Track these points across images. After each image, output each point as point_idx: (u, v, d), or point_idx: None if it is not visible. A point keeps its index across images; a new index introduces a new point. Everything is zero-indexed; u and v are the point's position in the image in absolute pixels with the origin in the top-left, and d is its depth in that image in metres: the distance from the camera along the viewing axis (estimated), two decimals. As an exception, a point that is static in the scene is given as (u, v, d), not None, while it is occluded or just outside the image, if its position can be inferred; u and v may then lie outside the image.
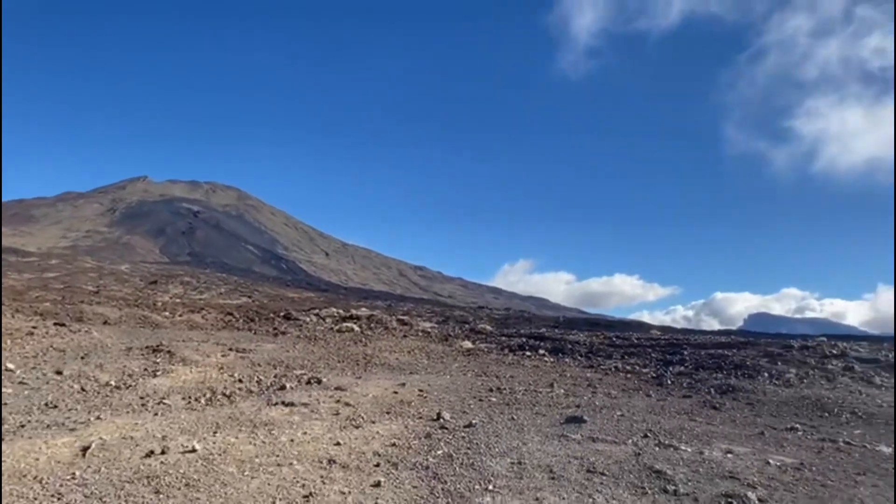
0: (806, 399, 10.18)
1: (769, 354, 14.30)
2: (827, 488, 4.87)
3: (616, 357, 15.46)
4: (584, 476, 4.91)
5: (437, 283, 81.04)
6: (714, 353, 14.80)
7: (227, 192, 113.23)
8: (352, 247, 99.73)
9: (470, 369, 12.03)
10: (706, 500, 4.39)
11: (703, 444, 6.33)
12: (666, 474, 4.96)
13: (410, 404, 7.72)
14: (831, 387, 11.42)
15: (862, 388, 11.45)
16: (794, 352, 14.40)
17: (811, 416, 9.06)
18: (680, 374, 12.86)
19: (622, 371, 13.32)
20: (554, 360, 14.73)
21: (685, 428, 7.26)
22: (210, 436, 5.65)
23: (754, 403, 9.80)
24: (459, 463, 5.18)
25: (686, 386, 11.59)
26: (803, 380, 12.10)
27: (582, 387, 10.89)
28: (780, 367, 13.22)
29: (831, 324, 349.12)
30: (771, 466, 5.43)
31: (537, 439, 6.13)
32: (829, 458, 6.03)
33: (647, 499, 4.43)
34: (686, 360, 14.33)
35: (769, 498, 4.50)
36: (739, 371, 12.81)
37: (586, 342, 17.50)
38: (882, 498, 4.67)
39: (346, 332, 16.82)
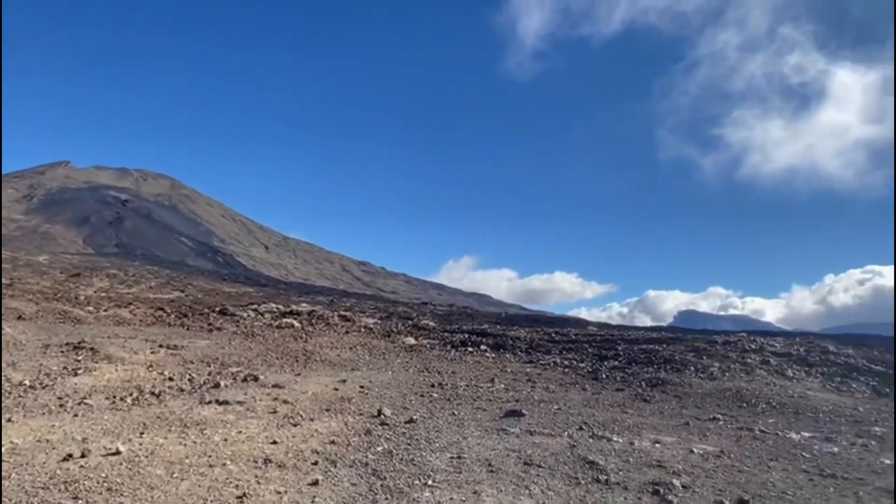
0: (727, 391, 10.86)
1: (695, 349, 15.14)
2: (743, 473, 5.22)
3: (555, 352, 15.90)
4: (521, 468, 5.03)
5: (380, 278, 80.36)
6: (646, 349, 15.51)
7: (158, 181, 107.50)
8: (293, 240, 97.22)
9: (412, 365, 12.03)
10: (635, 488, 4.60)
11: (633, 434, 6.62)
12: (598, 464, 5.16)
13: (351, 401, 7.63)
14: (749, 379, 12.23)
15: (776, 380, 12.34)
16: (717, 347, 15.31)
17: (731, 406, 9.66)
18: (614, 369, 13.39)
19: (560, 366, 13.72)
20: (495, 356, 14.97)
21: (618, 420, 7.57)
22: (136, 437, 5.37)
23: (681, 396, 10.36)
24: (399, 459, 5.18)
25: (619, 380, 12.08)
26: (725, 373, 12.89)
27: (522, 381, 11.13)
28: (705, 362, 14.04)
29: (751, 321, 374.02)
30: (694, 454, 5.76)
31: (477, 434, 6.21)
32: (746, 446, 6.46)
33: (581, 489, 4.59)
34: (620, 356, 14.94)
35: (692, 484, 4.77)
36: (668, 365, 13.49)
37: (527, 338, 17.90)
38: (790, 481, 5.06)
39: (286, 328, 16.41)
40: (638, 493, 4.49)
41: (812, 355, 14.45)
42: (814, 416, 9.10)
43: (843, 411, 9.59)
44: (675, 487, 4.59)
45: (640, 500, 4.37)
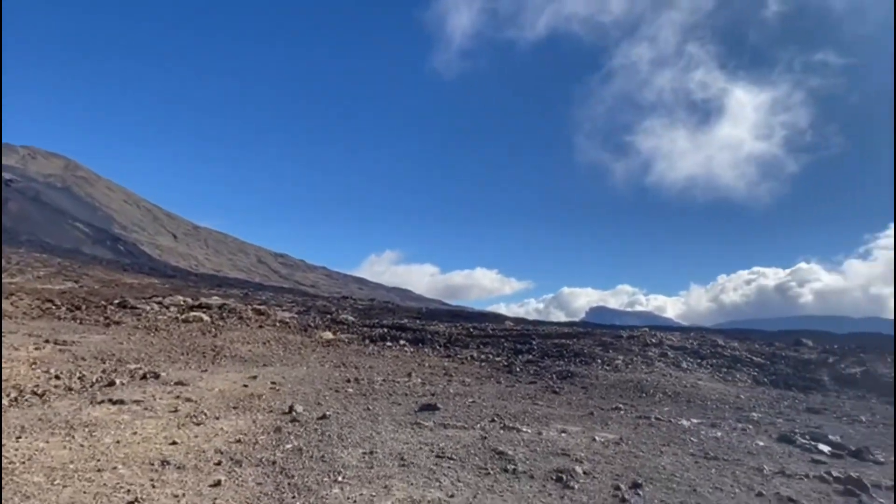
0: (629, 382, 11.59)
1: (603, 344, 16.03)
2: (639, 458, 5.59)
3: (472, 347, 16.21)
4: (433, 461, 5.08)
5: (299, 271, 78.01)
6: (558, 343, 16.20)
7: (50, 161, 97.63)
8: (205, 229, 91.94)
9: (329, 360, 11.80)
10: (540, 476, 4.79)
11: (542, 425, 6.89)
12: (507, 455, 5.33)
13: (261, 398, 7.35)
14: (649, 371, 13.13)
15: (672, 371, 13.33)
16: (622, 341, 16.30)
17: (633, 396, 10.32)
18: (528, 362, 13.88)
19: (477, 360, 14.01)
20: (414, 350, 15.02)
21: (528, 411, 7.85)
22: (11, 442, 4.85)
23: (588, 387, 10.93)
24: (309, 456, 5.06)
25: (532, 373, 12.54)
26: (628, 365, 13.75)
27: (439, 375, 11.25)
28: (611, 355, 14.90)
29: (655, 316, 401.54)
30: (596, 442, 6.10)
31: (391, 428, 6.20)
32: (643, 433, 6.93)
33: (490, 478, 4.71)
34: (534, 350, 15.51)
35: (592, 470, 5.04)
36: (578, 359, 14.19)
37: (446, 332, 18.11)
38: (679, 464, 5.49)
39: (194, 321, 15.52)
40: (543, 481, 4.69)
41: (704, 348, 15.77)
42: (703, 403, 9.93)
43: (728, 399, 10.55)
44: (577, 474, 4.83)
45: (544, 487, 4.56)
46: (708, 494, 4.63)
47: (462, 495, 4.30)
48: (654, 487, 4.70)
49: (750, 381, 13.55)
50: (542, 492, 4.44)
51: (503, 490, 4.45)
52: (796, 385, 13.32)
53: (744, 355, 15.51)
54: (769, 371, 14.52)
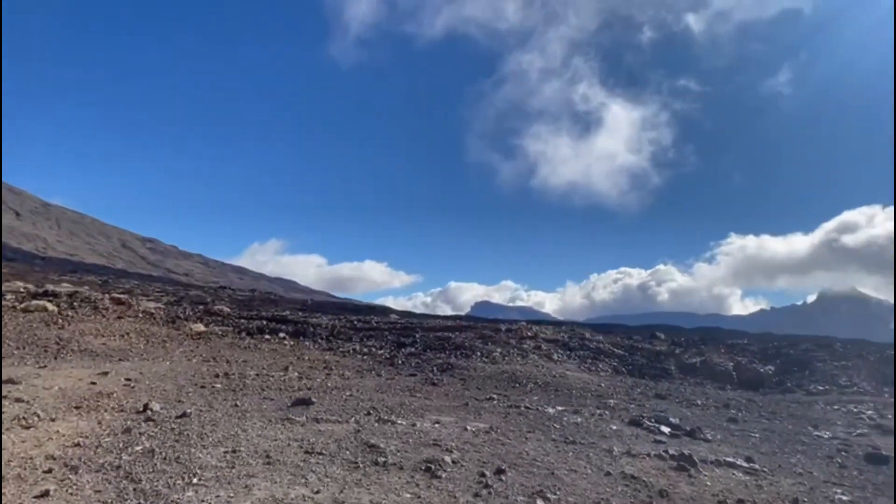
0: (504, 373, 12.14)
1: (483, 336, 16.63)
2: (505, 445, 5.86)
3: (356, 340, 16.01)
4: (301, 457, 4.92)
5: (171, 258, 71.79)
6: (441, 336, 16.54)
7: None
8: (56, 208, 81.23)
9: (197, 354, 10.99)
10: (410, 467, 4.84)
11: (417, 417, 6.98)
12: (379, 447, 5.31)
13: (111, 396, 6.64)
14: (524, 363, 13.86)
15: (544, 362, 14.19)
16: (501, 334, 17.04)
17: (506, 387, 10.83)
18: (410, 355, 14.00)
19: (359, 353, 13.86)
20: (294, 343, 14.49)
21: (405, 404, 7.91)
22: None
23: (466, 379, 11.27)
24: (162, 458, 4.66)
25: (414, 365, 12.67)
26: (505, 357, 14.40)
27: (318, 369, 10.96)
28: (490, 347, 15.51)
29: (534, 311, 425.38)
30: (468, 432, 6.30)
31: (259, 425, 5.92)
32: (512, 421, 7.29)
33: (359, 472, 4.67)
34: (417, 343, 15.68)
35: (461, 459, 5.20)
36: (459, 351, 14.59)
37: (329, 325, 17.70)
38: (542, 449, 5.84)
39: (36, 311, 13.67)
40: (412, 472, 4.74)
41: (573, 341, 16.99)
42: (568, 392, 10.69)
43: (591, 388, 11.45)
44: (446, 463, 4.95)
45: (412, 477, 4.61)
46: (564, 476, 4.97)
47: (328, 491, 4.22)
48: (517, 472, 4.96)
49: (611, 370, 14.84)
50: (409, 483, 4.49)
51: (371, 483, 4.42)
52: (649, 374, 14.83)
53: (607, 347, 16.95)
54: (627, 362, 16.01)
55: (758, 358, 17.35)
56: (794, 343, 20.98)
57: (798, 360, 16.72)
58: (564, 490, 4.59)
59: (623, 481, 4.97)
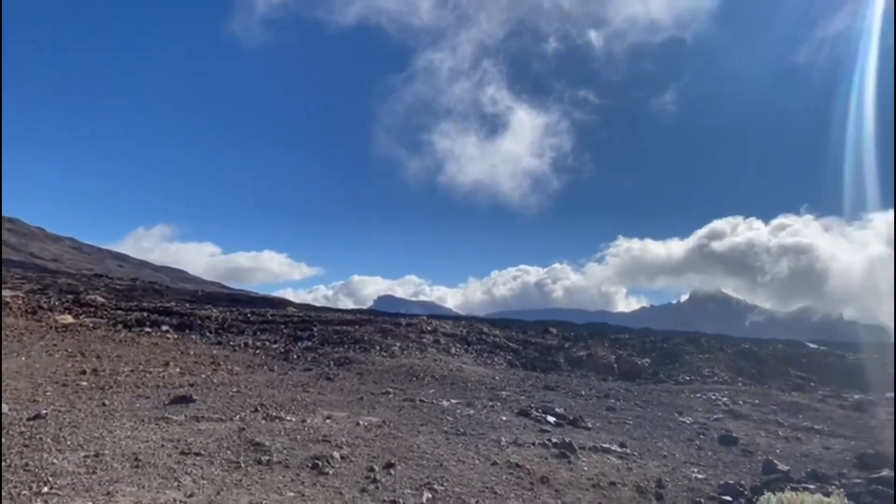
0: (403, 367, 12.16)
1: (383, 330, 16.55)
2: (397, 439, 5.87)
3: (248, 333, 15.24)
4: (175, 459, 4.58)
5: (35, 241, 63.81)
6: (339, 330, 16.22)
7: None
8: None
9: (62, 348, 9.89)
10: (295, 465, 4.68)
11: (308, 412, 6.78)
12: (264, 445, 5.09)
13: (-54, 397, 5.78)
14: (422, 356, 13.98)
15: (442, 356, 14.41)
16: (401, 328, 17.05)
17: (403, 381, 10.85)
18: (306, 349, 13.59)
19: (252, 347, 13.21)
20: (178, 337, 13.51)
21: (297, 399, 7.65)
22: None
23: (363, 373, 11.15)
24: (7, 465, 4.12)
25: (310, 360, 12.31)
26: (404, 351, 14.44)
27: (204, 364, 10.29)
28: (389, 342, 15.46)
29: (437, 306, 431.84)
30: (360, 427, 6.22)
31: (129, 425, 5.43)
32: (406, 415, 7.31)
33: (239, 472, 4.43)
34: (314, 336, 15.25)
35: (351, 454, 5.12)
36: (357, 345, 14.40)
37: (219, 318, 16.70)
38: (433, 442, 5.92)
39: None
40: (298, 470, 4.58)
41: (471, 336, 17.42)
42: (464, 385, 10.93)
43: (485, 381, 11.80)
44: (334, 459, 4.85)
45: (298, 475, 4.46)
46: (452, 467, 5.07)
47: (203, 493, 3.96)
48: (406, 466, 4.97)
49: (505, 364, 15.41)
50: (294, 481, 4.34)
51: (252, 483, 4.22)
52: (540, 367, 15.58)
53: (503, 342, 17.57)
54: (521, 355, 16.71)
55: (636, 351, 18.86)
56: (668, 338, 23.09)
57: (670, 353, 18.41)
58: (452, 481, 4.68)
59: (508, 470, 5.16)
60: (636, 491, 5.00)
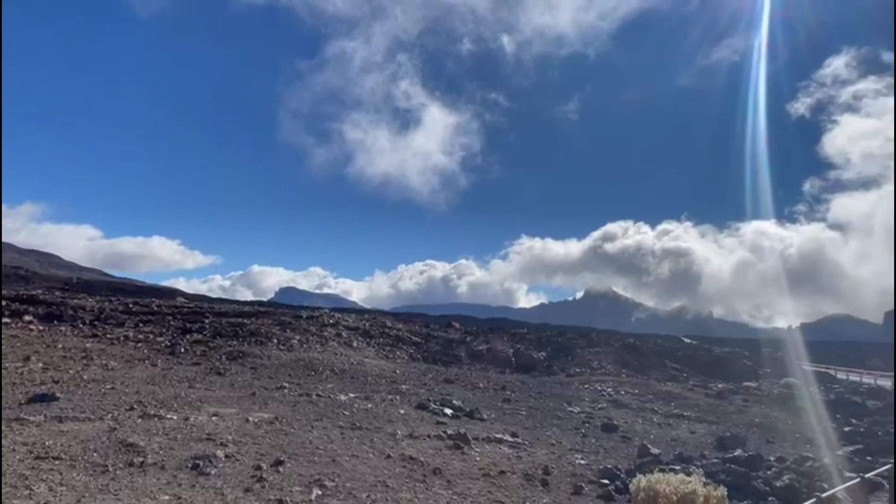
0: (301, 361, 11.79)
1: (282, 323, 15.94)
2: (289, 435, 5.66)
3: (129, 325, 14.02)
4: (28, 465, 4.08)
5: None
6: (234, 322, 15.38)
7: None
8: None
9: None
10: (173, 466, 4.35)
11: (192, 410, 6.34)
12: (138, 446, 4.68)
13: None
14: (323, 350, 13.65)
15: (343, 350, 14.17)
16: (302, 321, 16.52)
17: (302, 375, 10.52)
18: (196, 342, 12.73)
19: (133, 340, 12.16)
20: (45, 329, 12.12)
21: (181, 396, 7.13)
22: None
23: (258, 367, 10.65)
24: None
25: (199, 354, 11.54)
26: (304, 344, 14.00)
27: (74, 359, 9.29)
28: (289, 335, 14.93)
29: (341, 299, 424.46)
30: (249, 423, 5.93)
31: (-27, 428, 4.76)
32: (301, 410, 7.08)
33: (107, 476, 4.04)
34: (206, 329, 14.34)
35: (236, 453, 4.85)
36: (253, 338, 13.73)
37: (96, 308, 15.21)
38: (326, 437, 5.78)
39: None
40: (175, 471, 4.27)
41: (374, 329, 17.28)
42: (364, 379, 10.82)
43: (386, 374, 11.76)
44: (218, 458, 4.57)
45: (175, 477, 4.15)
46: (345, 462, 4.98)
47: (61, 501, 3.56)
48: (297, 462, 4.81)
49: (407, 357, 15.46)
50: (170, 483, 4.03)
51: (121, 487, 3.86)
52: (441, 360, 15.81)
53: (406, 335, 17.62)
54: (423, 349, 16.84)
55: (534, 345, 19.73)
56: (562, 333, 24.42)
57: (564, 347, 19.48)
58: (344, 476, 4.60)
59: (402, 462, 5.17)
60: (524, 478, 5.21)
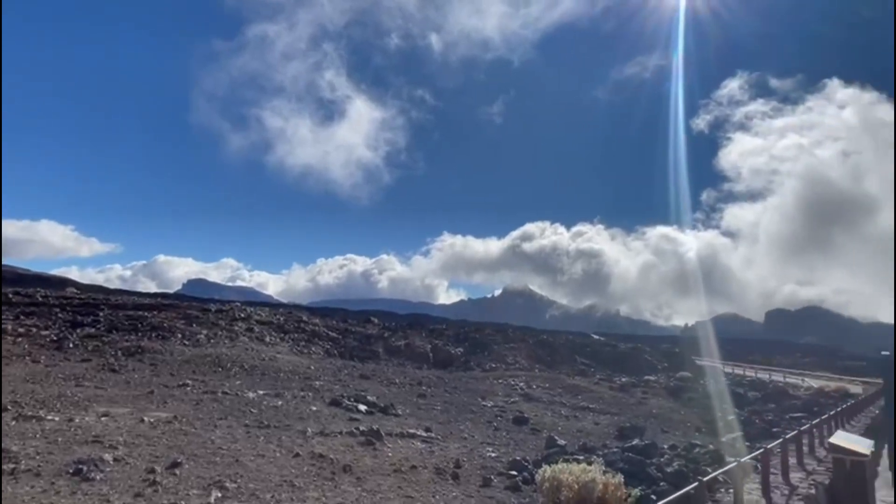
0: (208, 357, 11.15)
1: (188, 317, 15.01)
2: (189, 436, 5.32)
3: (9, 317, 12.62)
4: None
5: None
6: (133, 315, 14.28)
7: None
8: None
9: None
10: (51, 472, 3.95)
11: (79, 410, 5.80)
12: (10, 452, 4.20)
13: None
14: (232, 345, 13.00)
15: (255, 345, 13.59)
16: (210, 315, 15.64)
17: (207, 371, 9.95)
18: (88, 337, 11.67)
19: (12, 334, 10.94)
20: None
21: (66, 395, 6.50)
22: None
23: (158, 364, 9.94)
24: None
25: (91, 349, 10.60)
26: (211, 340, 13.27)
27: (-65, 355, 8.21)
28: (195, 329, 14.08)
29: (256, 292, 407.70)
30: (144, 424, 5.51)
31: None
32: (204, 408, 6.69)
33: (-31, 487, 3.59)
34: (100, 322, 13.20)
35: (127, 455, 4.49)
36: (155, 333, 12.81)
37: (-34, 298, 13.55)
38: (230, 436, 5.50)
39: None
40: (53, 478, 3.87)
41: (289, 324, 16.72)
42: (276, 375, 10.42)
43: (300, 370, 11.41)
44: (105, 462, 4.21)
45: (52, 484, 3.77)
46: (249, 462, 4.76)
47: None
48: (196, 464, 4.53)
49: (323, 353, 15.10)
50: (46, 491, 3.65)
51: (-15, 498, 3.45)
52: (358, 356, 15.60)
53: (322, 330, 17.20)
54: (340, 344, 16.53)
55: (451, 341, 19.97)
56: (480, 329, 24.93)
57: (481, 343, 19.88)
58: (247, 477, 4.39)
59: (311, 461, 5.02)
60: (435, 473, 5.25)
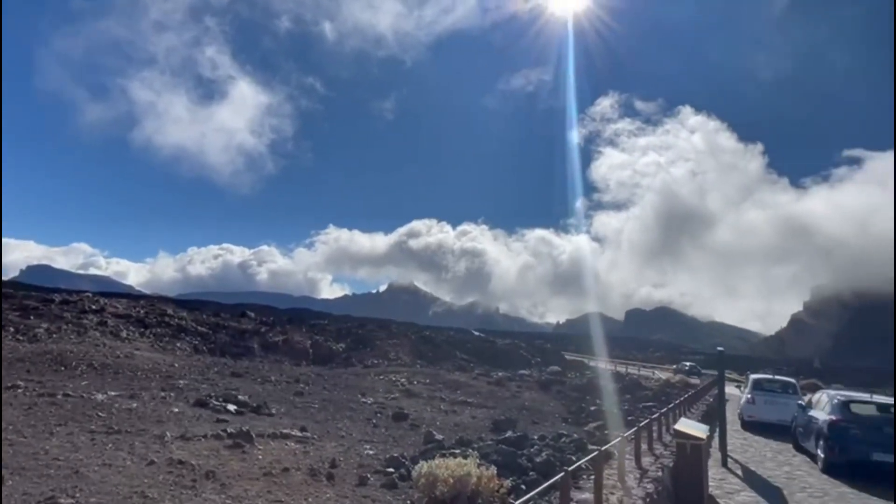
0: (48, 354, 9.78)
1: (24, 308, 13.07)
2: (15, 445, 4.59)
3: None
4: None
5: None
6: (-50, 305, 12.11)
7: None
8: None
9: None
10: None
11: None
12: None
13: None
14: (80, 340, 11.53)
15: (108, 340, 12.17)
16: (53, 306, 13.75)
17: (46, 370, 8.72)
18: None
19: None
20: None
21: None
22: None
23: (-20, 362, 8.51)
24: None
25: None
26: (53, 334, 11.67)
27: None
28: (33, 322, 12.31)
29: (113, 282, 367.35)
30: (-45, 434, 4.66)
31: None
32: (38, 413, 5.83)
33: None
34: None
35: (-71, 473, 3.75)
36: (-22, 326, 10.98)
37: None
38: (70, 444, 4.83)
39: None
40: None
41: (151, 317, 15.21)
42: (131, 374, 9.41)
43: (161, 368, 10.42)
44: None
45: None
46: (92, 473, 4.21)
47: None
48: (23, 478, 3.91)
49: (190, 349, 13.94)
50: None
51: None
52: (230, 352, 14.63)
53: (190, 325, 15.88)
54: (210, 340, 15.38)
55: (333, 337, 19.50)
56: (363, 324, 24.66)
57: (363, 339, 19.65)
58: (88, 490, 3.87)
59: (168, 468, 4.57)
60: (309, 474, 5.03)
